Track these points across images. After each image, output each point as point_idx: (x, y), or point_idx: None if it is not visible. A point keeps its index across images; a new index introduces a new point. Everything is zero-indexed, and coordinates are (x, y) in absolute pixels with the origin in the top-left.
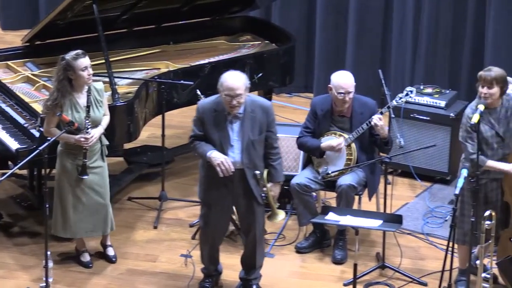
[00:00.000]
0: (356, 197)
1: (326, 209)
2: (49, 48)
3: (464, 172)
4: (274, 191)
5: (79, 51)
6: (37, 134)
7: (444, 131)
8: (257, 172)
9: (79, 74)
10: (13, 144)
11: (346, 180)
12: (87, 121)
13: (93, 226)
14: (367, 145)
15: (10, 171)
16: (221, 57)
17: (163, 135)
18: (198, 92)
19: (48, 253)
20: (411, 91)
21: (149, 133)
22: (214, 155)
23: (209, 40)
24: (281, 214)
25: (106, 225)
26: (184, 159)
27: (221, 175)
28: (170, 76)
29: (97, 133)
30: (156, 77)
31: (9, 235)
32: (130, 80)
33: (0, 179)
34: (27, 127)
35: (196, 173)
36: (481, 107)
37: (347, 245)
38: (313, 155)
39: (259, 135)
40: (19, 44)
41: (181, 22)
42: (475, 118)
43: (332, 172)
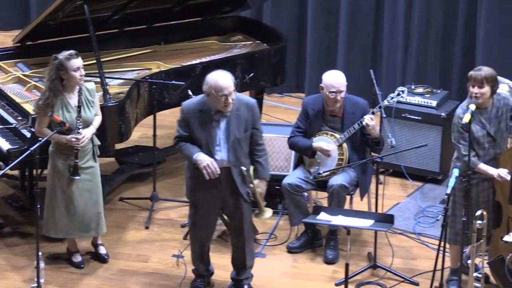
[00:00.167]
0: (348, 197)
1: (318, 209)
2: (40, 49)
3: (456, 172)
4: (261, 188)
5: (72, 52)
6: (29, 135)
7: (436, 131)
8: (244, 168)
9: (72, 75)
10: (4, 145)
11: (338, 180)
12: (78, 121)
13: (85, 226)
14: (359, 145)
15: (1, 172)
16: (213, 57)
17: (155, 135)
18: (190, 92)
19: (40, 254)
20: (403, 91)
21: (141, 134)
22: (200, 158)
23: (201, 40)
24: (268, 212)
25: (98, 226)
26: (176, 160)
27: (207, 178)
28: (162, 76)
29: (89, 133)
30: (148, 77)
31: (0, 236)
32: (122, 81)
33: None
34: (18, 127)
35: None
36: (472, 107)
37: (339, 245)
38: (305, 155)
39: (245, 133)
40: (10, 45)
41: (173, 22)
42: (466, 118)
43: (324, 172)
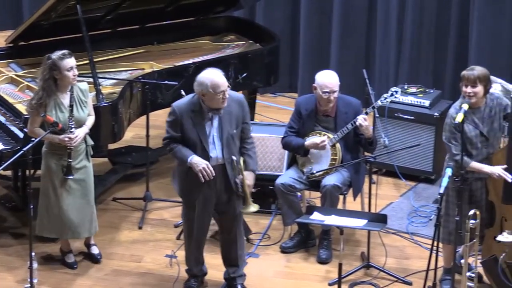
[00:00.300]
0: (341, 197)
1: (311, 209)
2: (33, 49)
3: (449, 171)
4: (249, 180)
5: (66, 51)
6: (21, 135)
7: (429, 131)
8: (234, 158)
9: (65, 74)
10: None
11: (331, 180)
12: (71, 121)
13: (79, 228)
14: (352, 145)
15: None
16: (206, 57)
17: (148, 136)
18: (183, 93)
19: (33, 254)
20: (396, 91)
21: (134, 134)
22: (195, 161)
23: (194, 40)
24: (254, 207)
25: (91, 226)
26: (169, 160)
27: (203, 181)
28: (155, 77)
29: (82, 133)
30: (141, 78)
31: None
32: (115, 81)
33: None
34: (5, 124)
35: None
36: (465, 106)
37: (332, 245)
38: (298, 154)
39: (237, 129)
40: (3, 45)
41: (165, 22)
42: (459, 117)
43: (317, 172)
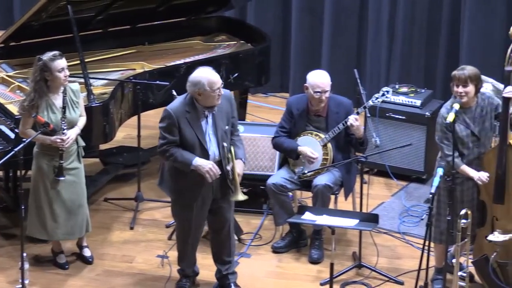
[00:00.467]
0: (332, 197)
1: (303, 209)
2: (24, 49)
3: (440, 171)
4: (239, 169)
5: (56, 52)
6: (13, 135)
7: (420, 130)
8: (225, 144)
9: (56, 75)
10: None
11: (322, 180)
12: (63, 122)
13: (70, 228)
14: (343, 145)
15: None
16: (197, 57)
17: (139, 136)
18: (174, 93)
19: (24, 255)
20: (388, 91)
21: (125, 134)
22: (200, 163)
23: (185, 41)
24: (242, 196)
25: (83, 227)
26: (160, 160)
27: (210, 181)
28: (146, 77)
29: (74, 134)
30: (132, 78)
31: None
32: (106, 81)
33: None
34: None
35: None
36: (456, 106)
37: (324, 245)
38: (289, 157)
39: (227, 125)
40: None
41: (157, 23)
42: (451, 117)
43: (308, 172)
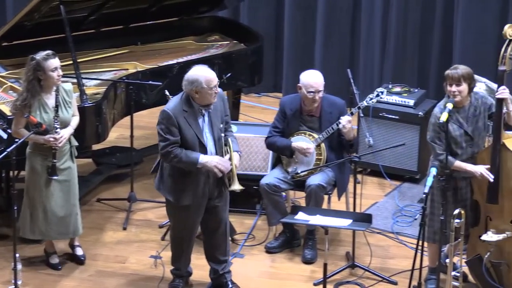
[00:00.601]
0: (326, 197)
1: (296, 209)
2: (17, 50)
3: (433, 171)
4: (236, 160)
5: (49, 52)
6: (5, 136)
7: (413, 130)
8: (222, 135)
9: (49, 75)
10: None
11: (315, 180)
12: (56, 122)
13: (63, 229)
14: (337, 145)
15: None
16: (190, 57)
17: (132, 136)
18: (167, 93)
19: (17, 256)
20: (382, 92)
21: (118, 134)
22: (206, 160)
23: (178, 41)
24: (238, 186)
25: (76, 227)
26: (153, 160)
27: (220, 175)
28: (139, 77)
29: (67, 134)
30: (125, 78)
31: None
32: (99, 81)
33: None
34: None
35: None
36: (450, 106)
37: (317, 245)
38: (283, 155)
39: (222, 123)
40: None
41: (149, 23)
42: (444, 117)
43: (302, 172)
